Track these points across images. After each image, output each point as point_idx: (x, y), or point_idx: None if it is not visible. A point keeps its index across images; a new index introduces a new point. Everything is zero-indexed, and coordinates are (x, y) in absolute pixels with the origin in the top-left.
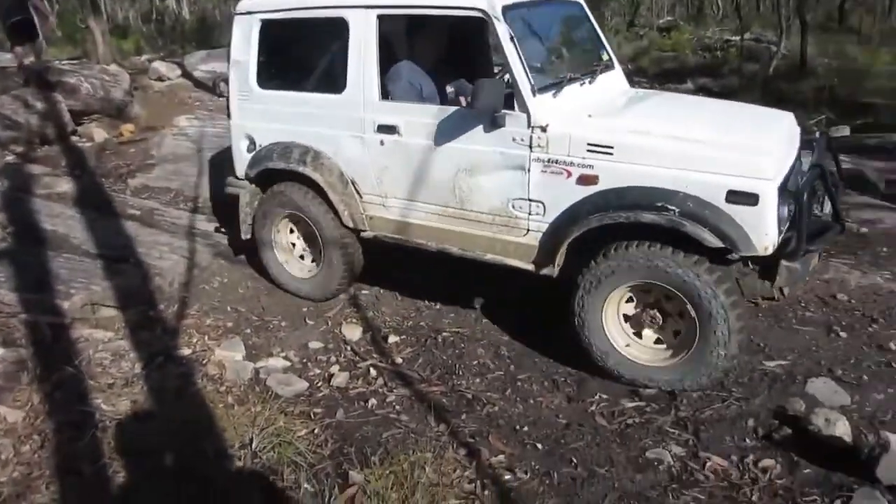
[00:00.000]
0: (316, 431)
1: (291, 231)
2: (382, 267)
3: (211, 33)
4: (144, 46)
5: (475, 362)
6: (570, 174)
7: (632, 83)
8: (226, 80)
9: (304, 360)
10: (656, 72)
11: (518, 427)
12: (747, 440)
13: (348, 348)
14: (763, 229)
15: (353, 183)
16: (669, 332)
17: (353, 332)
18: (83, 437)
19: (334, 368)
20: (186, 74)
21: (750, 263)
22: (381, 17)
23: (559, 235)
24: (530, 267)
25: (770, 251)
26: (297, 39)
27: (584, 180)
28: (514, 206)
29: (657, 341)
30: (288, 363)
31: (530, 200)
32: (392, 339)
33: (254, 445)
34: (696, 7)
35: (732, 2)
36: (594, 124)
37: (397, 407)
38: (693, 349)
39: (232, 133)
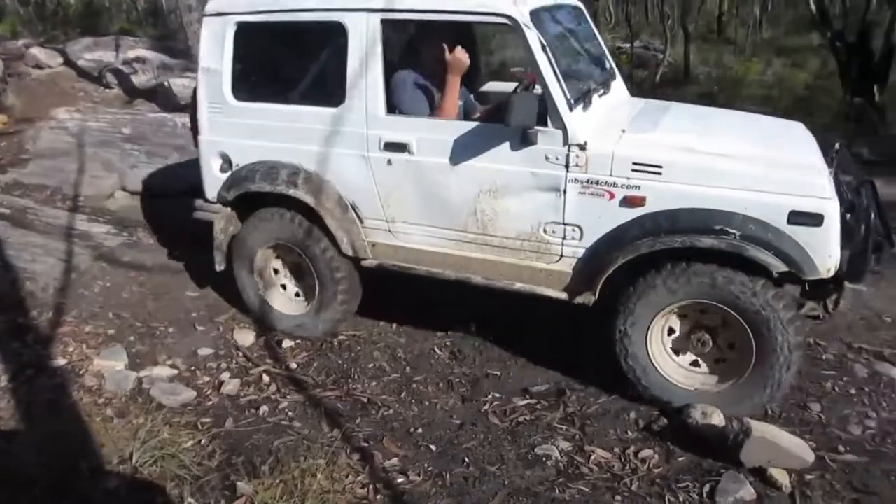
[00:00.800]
0: (203, 442)
1: (276, 272)
2: None
3: (98, 19)
4: (22, 31)
5: (371, 365)
6: (612, 196)
7: None
8: (112, 70)
9: (193, 368)
10: None
11: (412, 429)
12: (629, 432)
13: (240, 354)
14: (827, 251)
15: (353, 207)
16: (716, 356)
17: (245, 337)
18: None
19: (225, 375)
20: (69, 63)
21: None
22: (385, 22)
23: (601, 261)
24: (563, 295)
25: (832, 273)
26: (282, 45)
27: (630, 202)
28: (545, 231)
29: (717, 360)
30: (175, 371)
31: (565, 224)
32: (286, 343)
33: (134, 460)
34: (591, 14)
35: (623, 10)
36: (636, 141)
37: (290, 413)
38: (749, 373)
39: (201, 150)
